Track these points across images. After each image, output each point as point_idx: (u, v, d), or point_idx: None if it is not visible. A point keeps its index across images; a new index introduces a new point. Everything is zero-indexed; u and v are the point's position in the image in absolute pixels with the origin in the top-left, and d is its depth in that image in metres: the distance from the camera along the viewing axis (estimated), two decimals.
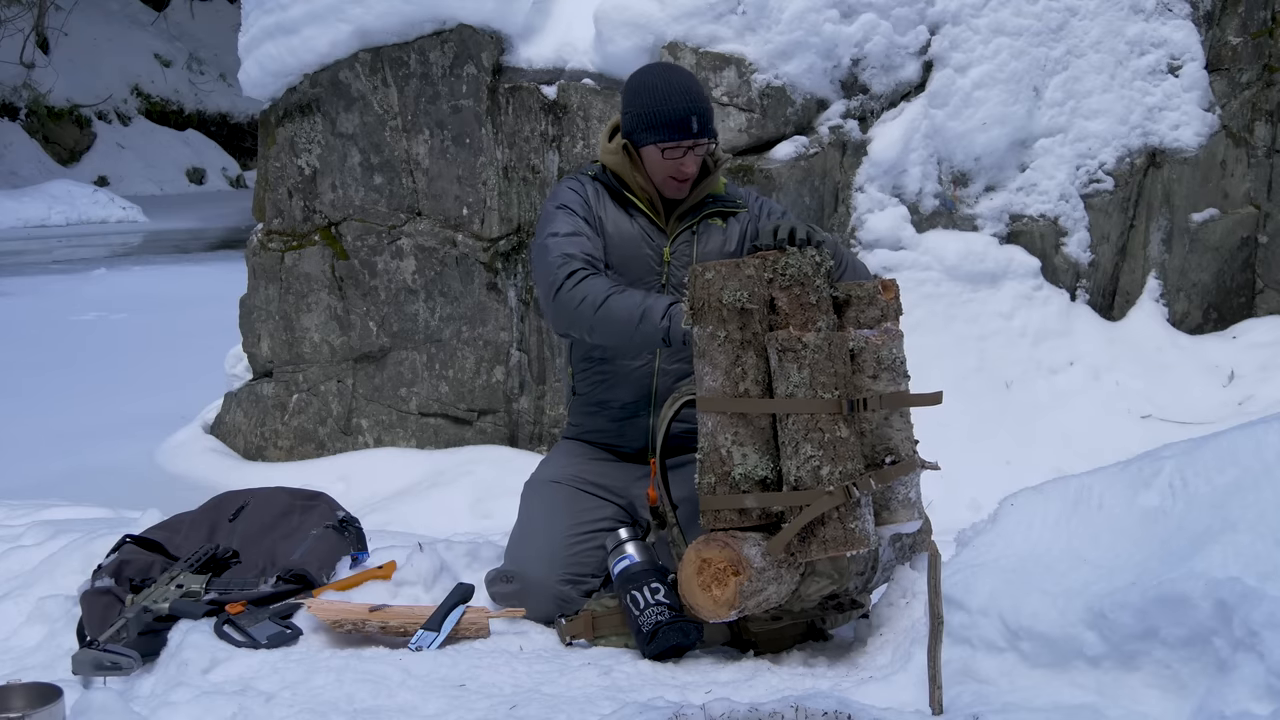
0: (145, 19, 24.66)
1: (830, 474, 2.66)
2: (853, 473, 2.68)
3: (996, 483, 3.54)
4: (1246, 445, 2.36)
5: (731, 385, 2.72)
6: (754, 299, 2.73)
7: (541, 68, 5.40)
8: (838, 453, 2.67)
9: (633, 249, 3.25)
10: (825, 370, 2.67)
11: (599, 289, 3.03)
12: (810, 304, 2.75)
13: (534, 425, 5.51)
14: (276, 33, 5.71)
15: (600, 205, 3.28)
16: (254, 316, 6.05)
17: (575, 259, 3.10)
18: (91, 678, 2.88)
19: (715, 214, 3.32)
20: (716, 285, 2.72)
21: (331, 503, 3.51)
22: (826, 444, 2.66)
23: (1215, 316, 5.91)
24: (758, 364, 2.74)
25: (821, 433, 2.66)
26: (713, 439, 2.74)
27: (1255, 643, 2.04)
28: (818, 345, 2.67)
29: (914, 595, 2.83)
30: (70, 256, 14.37)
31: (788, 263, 2.76)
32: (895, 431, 2.81)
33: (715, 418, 2.74)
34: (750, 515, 2.73)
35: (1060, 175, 5.55)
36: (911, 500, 2.82)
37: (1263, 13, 5.89)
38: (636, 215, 3.28)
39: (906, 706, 2.41)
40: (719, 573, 2.69)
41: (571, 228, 3.18)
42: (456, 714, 2.53)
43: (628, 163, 3.27)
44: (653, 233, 3.28)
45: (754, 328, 2.73)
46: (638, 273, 3.23)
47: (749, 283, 2.73)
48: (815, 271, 2.77)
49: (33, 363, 8.16)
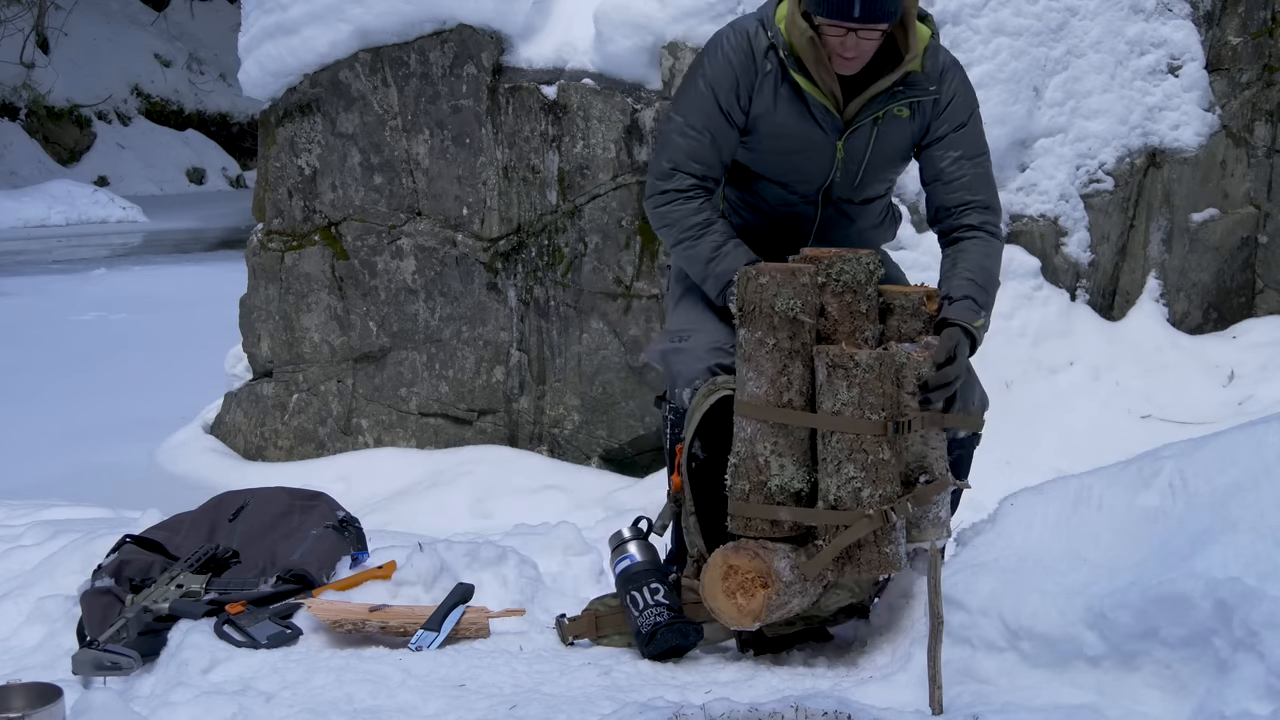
0: (145, 19, 24.65)
1: (870, 496, 2.63)
2: (891, 496, 2.65)
3: (996, 483, 3.53)
4: (1246, 445, 2.36)
5: (776, 395, 2.67)
6: (807, 308, 2.67)
7: (541, 68, 5.40)
8: (879, 475, 2.64)
9: (799, 142, 2.99)
10: (875, 391, 2.62)
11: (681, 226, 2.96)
12: (860, 312, 2.71)
13: (534, 425, 5.51)
14: (276, 33, 5.71)
15: (764, 87, 2.93)
16: (254, 316, 6.05)
17: (680, 174, 2.96)
18: (91, 678, 2.89)
19: (905, 102, 2.96)
20: (770, 292, 2.66)
21: (331, 503, 3.51)
22: (869, 465, 2.63)
23: (1215, 316, 5.90)
24: (804, 375, 2.70)
25: (865, 454, 2.63)
26: (750, 445, 2.70)
27: (1255, 643, 2.04)
28: (869, 365, 2.62)
29: (914, 595, 2.83)
30: (70, 256, 14.36)
31: (842, 269, 2.70)
32: (931, 450, 2.78)
33: (755, 424, 2.70)
34: (782, 527, 2.70)
35: (1060, 175, 5.55)
36: (942, 519, 2.80)
37: (1263, 13, 5.88)
38: (811, 101, 2.94)
39: (906, 706, 2.41)
40: (746, 582, 2.65)
41: (701, 120, 2.95)
42: (456, 714, 2.53)
43: (808, 39, 2.86)
44: (827, 124, 2.96)
45: (804, 338, 2.68)
46: (803, 170, 3.01)
47: (803, 291, 2.67)
48: (869, 280, 2.72)
49: (33, 363, 8.15)
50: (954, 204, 3.07)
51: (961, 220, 3.06)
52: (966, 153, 3.06)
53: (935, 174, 3.07)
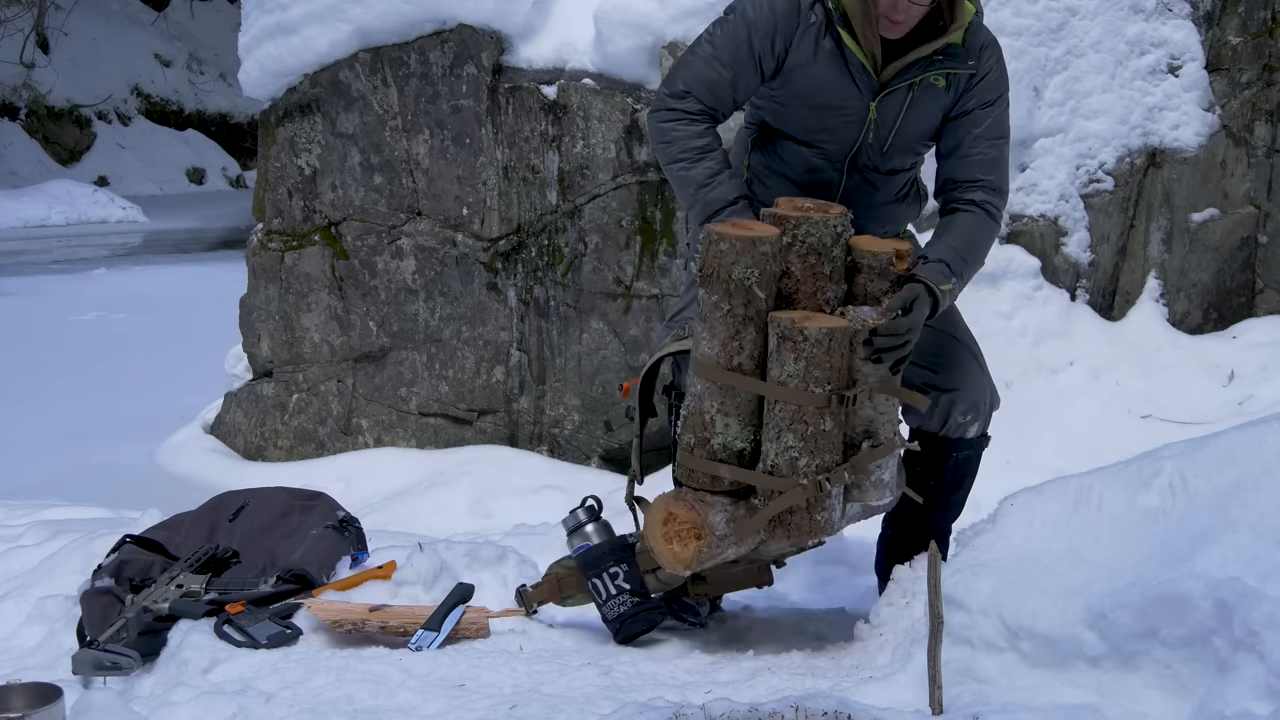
0: (145, 19, 24.64)
1: (807, 465, 2.67)
2: (829, 465, 2.68)
3: (996, 483, 3.53)
4: (1246, 445, 2.36)
5: (726, 358, 2.71)
6: (764, 278, 2.68)
7: (541, 68, 5.40)
8: (818, 445, 2.67)
9: (833, 98, 2.93)
10: (822, 365, 2.64)
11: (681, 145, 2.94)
12: (823, 274, 2.71)
13: (534, 425, 5.51)
14: (276, 33, 5.71)
15: (805, 38, 2.90)
16: (254, 316, 6.05)
17: (693, 98, 2.94)
18: (91, 678, 2.89)
19: (942, 72, 2.93)
20: (729, 259, 2.67)
21: (331, 503, 3.51)
22: (809, 436, 2.67)
23: (1215, 316, 5.90)
24: (756, 340, 2.72)
25: (805, 425, 2.66)
26: (699, 401, 2.76)
27: (1255, 643, 2.04)
28: (817, 340, 2.63)
29: (914, 595, 2.83)
30: (70, 256, 14.36)
31: (809, 231, 2.70)
32: (880, 415, 2.78)
33: (705, 383, 2.74)
34: (722, 483, 2.75)
35: (1060, 175, 5.55)
36: (885, 481, 2.80)
37: (1263, 13, 5.88)
38: (851, 58, 2.90)
39: (906, 706, 2.41)
40: (683, 531, 2.73)
41: (729, 55, 2.93)
42: (456, 714, 2.53)
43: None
44: (863, 83, 2.92)
45: (758, 305, 2.69)
46: (834, 129, 2.97)
47: (761, 261, 2.67)
48: (834, 242, 2.72)
49: (33, 363, 8.15)
50: (962, 178, 3.04)
51: (965, 195, 3.03)
52: (988, 133, 3.02)
53: (952, 146, 3.04)
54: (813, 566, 3.84)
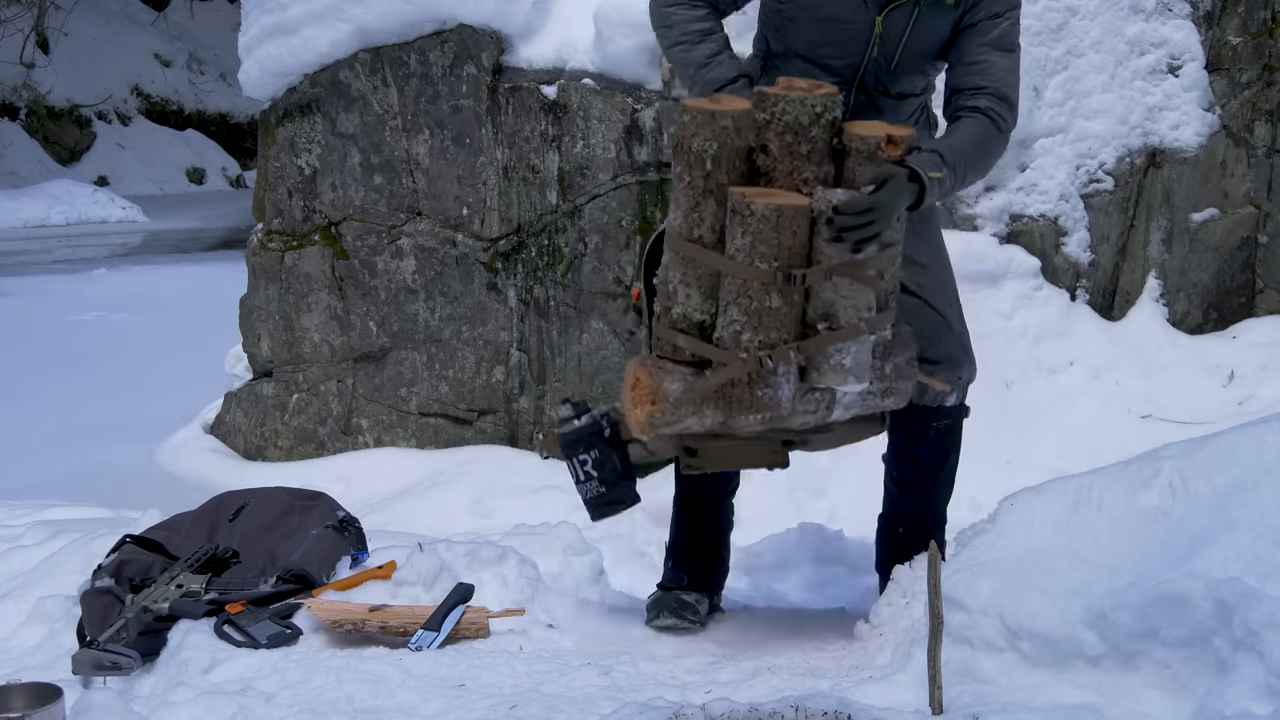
0: (145, 19, 24.65)
1: (750, 340, 2.68)
2: (775, 342, 2.68)
3: (996, 483, 3.54)
4: (1246, 445, 2.36)
5: (688, 229, 2.73)
6: (724, 152, 2.67)
7: (541, 68, 5.40)
8: (762, 322, 2.68)
9: (840, 10, 2.90)
10: (769, 241, 2.64)
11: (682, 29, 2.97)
12: (800, 154, 2.69)
13: (534, 425, 5.50)
14: (276, 33, 5.71)
15: None
16: (254, 316, 6.05)
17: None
18: (91, 678, 2.88)
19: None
20: (689, 131, 2.69)
21: (331, 503, 3.50)
22: (753, 312, 2.68)
23: (1215, 316, 5.90)
24: (717, 213, 2.72)
25: (750, 300, 2.68)
26: (666, 271, 2.81)
27: (1255, 643, 2.04)
28: (764, 215, 2.62)
29: (914, 595, 2.83)
30: (70, 256, 14.37)
31: (785, 109, 2.67)
32: (841, 299, 2.72)
33: (670, 253, 2.79)
34: (683, 352, 2.77)
35: (1060, 175, 5.55)
36: (846, 366, 2.74)
37: (1263, 13, 5.88)
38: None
39: (906, 706, 2.41)
40: (642, 396, 2.78)
41: None
42: (456, 714, 2.53)
43: None
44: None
45: (719, 178, 2.70)
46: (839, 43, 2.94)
47: (721, 134, 2.67)
48: (813, 122, 2.68)
49: (33, 363, 8.16)
50: (967, 86, 2.95)
51: (969, 101, 2.94)
52: (995, 42, 2.95)
53: (958, 57, 2.97)
54: (813, 566, 3.84)
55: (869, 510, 3.40)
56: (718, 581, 3.30)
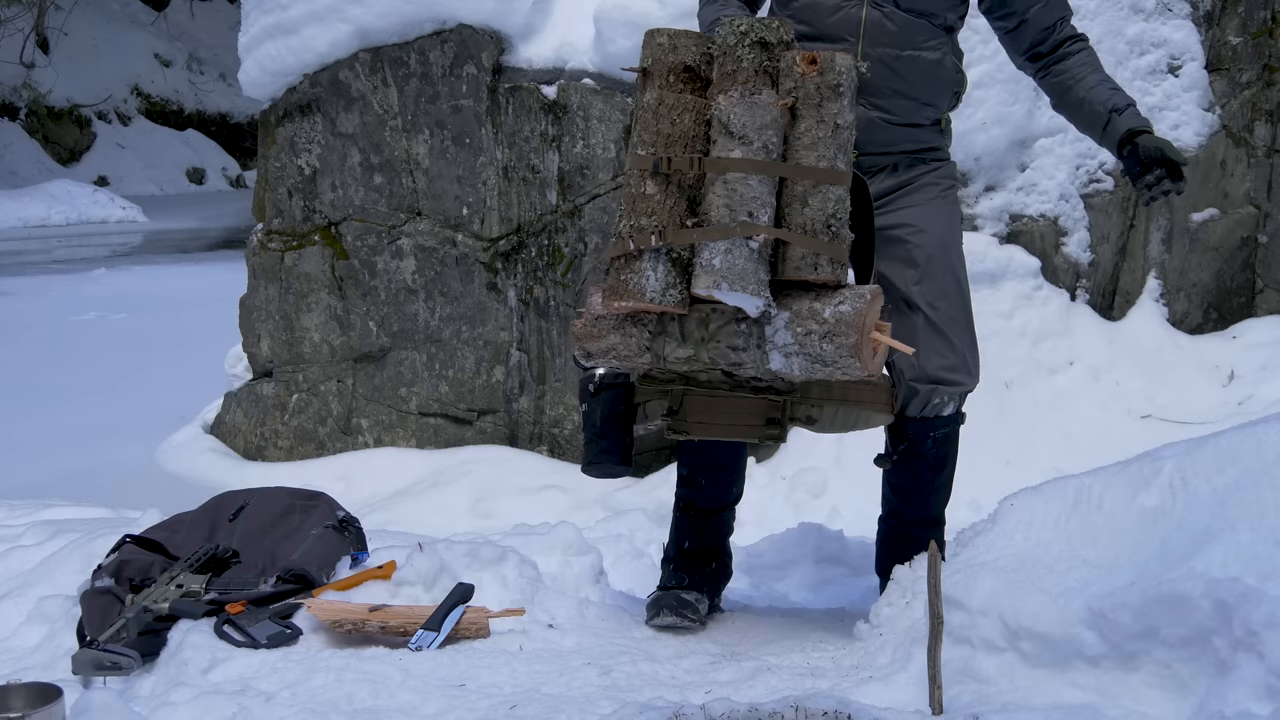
0: (145, 19, 24.66)
1: (623, 227, 2.75)
2: (645, 228, 2.72)
3: (996, 483, 3.54)
4: (1246, 445, 2.36)
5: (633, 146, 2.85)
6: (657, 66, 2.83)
7: (541, 68, 5.41)
8: (635, 208, 2.75)
9: None
10: (649, 129, 2.77)
11: (705, 15, 3.13)
12: (727, 72, 2.81)
13: (534, 425, 5.50)
14: (276, 33, 5.72)
15: None
16: (254, 316, 6.05)
17: None
18: (91, 678, 2.88)
19: None
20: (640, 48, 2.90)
21: (331, 502, 3.50)
22: (630, 198, 2.77)
23: (1215, 316, 5.90)
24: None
25: (629, 186, 2.78)
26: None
27: (1255, 643, 2.04)
28: (645, 105, 2.79)
29: (914, 595, 2.83)
30: (70, 256, 14.38)
31: (719, 32, 2.84)
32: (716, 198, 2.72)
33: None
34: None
35: (1060, 175, 5.55)
36: (715, 266, 2.69)
37: (1263, 13, 5.89)
38: None
39: (906, 706, 2.41)
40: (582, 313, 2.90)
41: None
42: (456, 714, 2.53)
43: None
44: None
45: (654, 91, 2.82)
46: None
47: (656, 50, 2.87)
48: (738, 41, 2.82)
49: (33, 363, 8.16)
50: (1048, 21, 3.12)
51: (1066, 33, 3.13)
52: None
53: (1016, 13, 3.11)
54: (813, 566, 3.84)
55: (869, 510, 3.41)
56: (718, 584, 3.30)
